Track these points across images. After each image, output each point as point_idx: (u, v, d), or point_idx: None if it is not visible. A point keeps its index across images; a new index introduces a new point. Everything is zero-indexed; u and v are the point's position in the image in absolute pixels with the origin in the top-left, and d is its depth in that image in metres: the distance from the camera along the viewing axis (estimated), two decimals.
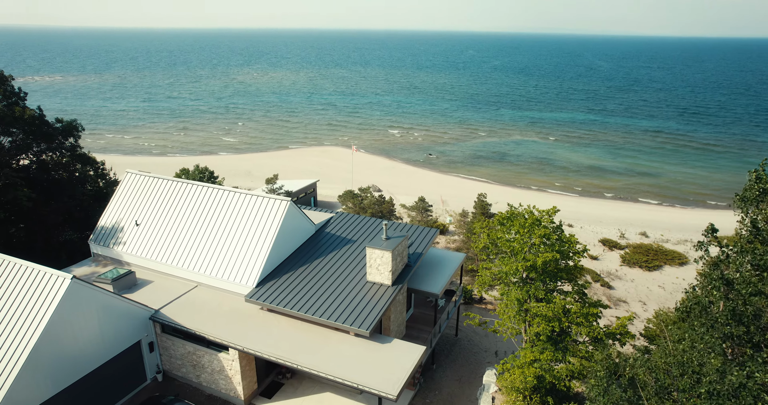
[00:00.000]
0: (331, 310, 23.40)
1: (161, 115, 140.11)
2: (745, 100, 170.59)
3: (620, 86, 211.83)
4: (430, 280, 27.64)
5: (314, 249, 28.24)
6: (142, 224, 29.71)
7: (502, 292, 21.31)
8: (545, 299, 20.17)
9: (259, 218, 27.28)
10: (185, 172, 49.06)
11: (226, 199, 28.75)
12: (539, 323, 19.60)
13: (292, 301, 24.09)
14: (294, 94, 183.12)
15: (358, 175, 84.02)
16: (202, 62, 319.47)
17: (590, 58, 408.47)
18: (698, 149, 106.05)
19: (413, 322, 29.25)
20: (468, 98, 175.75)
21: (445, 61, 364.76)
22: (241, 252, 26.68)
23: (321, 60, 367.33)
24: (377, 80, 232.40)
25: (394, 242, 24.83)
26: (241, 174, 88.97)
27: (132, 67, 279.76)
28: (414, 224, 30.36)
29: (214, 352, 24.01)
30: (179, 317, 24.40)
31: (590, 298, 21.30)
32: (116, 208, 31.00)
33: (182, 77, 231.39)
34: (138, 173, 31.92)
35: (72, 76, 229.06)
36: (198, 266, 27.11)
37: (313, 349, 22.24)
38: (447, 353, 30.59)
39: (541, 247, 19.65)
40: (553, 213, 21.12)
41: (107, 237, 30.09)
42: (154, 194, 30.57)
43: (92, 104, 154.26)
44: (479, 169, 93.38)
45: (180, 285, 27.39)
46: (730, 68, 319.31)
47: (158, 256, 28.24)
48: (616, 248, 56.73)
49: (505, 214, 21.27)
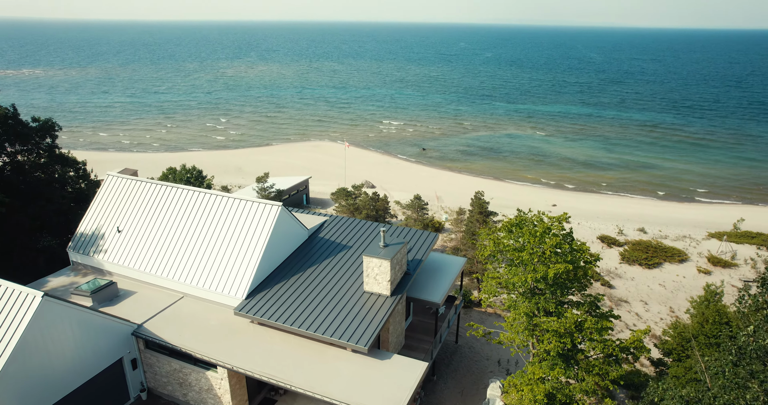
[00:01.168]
0: (326, 324, 21.92)
1: (148, 110, 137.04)
2: (738, 93, 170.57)
3: (613, 79, 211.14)
4: (431, 288, 26.23)
5: (307, 256, 26.70)
6: (125, 231, 27.97)
7: (509, 305, 19.97)
8: (556, 313, 18.85)
9: (249, 224, 25.66)
10: (172, 172, 47.19)
11: (213, 203, 27.07)
12: (550, 339, 18.29)
13: (284, 315, 22.57)
14: (285, 88, 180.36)
15: (351, 170, 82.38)
16: (191, 56, 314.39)
17: (582, 50, 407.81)
18: (693, 143, 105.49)
19: (412, 332, 27.86)
20: (461, 91, 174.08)
21: (436, 54, 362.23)
22: (230, 261, 25.08)
23: (312, 52, 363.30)
24: (369, 73, 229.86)
25: (393, 250, 23.35)
26: (231, 170, 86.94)
27: (118, 60, 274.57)
28: (412, 228, 28.89)
29: (201, 369, 22.47)
30: (164, 332, 22.80)
31: (601, 308, 20.01)
32: (96, 213, 29.20)
33: (170, 71, 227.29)
34: (119, 176, 30.09)
35: (55, 70, 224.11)
36: (184, 276, 25.47)
37: (308, 366, 20.78)
38: (447, 362, 29.30)
39: (553, 258, 18.29)
40: (564, 219, 19.75)
41: (87, 244, 28.31)
42: (137, 198, 28.80)
43: (76, 99, 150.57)
44: (474, 163, 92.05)
45: (165, 296, 25.75)
46: (720, 60, 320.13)
47: (141, 266, 26.56)
48: (615, 245, 55.76)
49: (513, 220, 19.86)
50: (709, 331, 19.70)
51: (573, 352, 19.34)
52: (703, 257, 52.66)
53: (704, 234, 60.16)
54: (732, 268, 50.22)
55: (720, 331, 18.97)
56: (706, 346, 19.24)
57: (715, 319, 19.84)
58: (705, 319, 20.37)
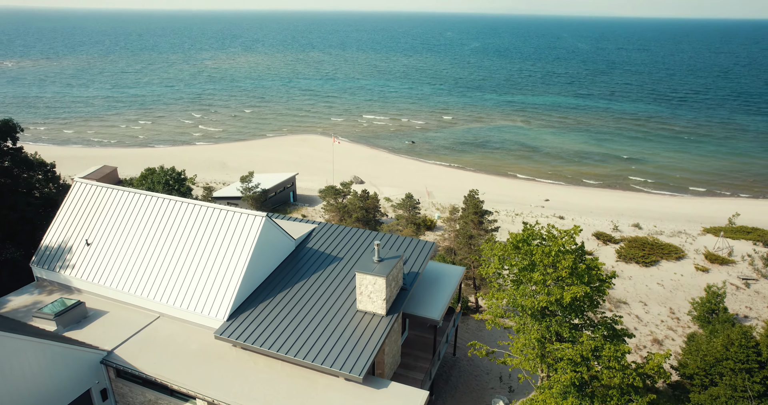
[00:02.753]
0: (316, 349, 19.95)
1: (129, 103, 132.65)
2: (726, 84, 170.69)
3: (602, 69, 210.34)
4: (428, 303, 24.37)
5: (295, 270, 24.63)
6: (94, 244, 25.61)
7: (517, 328, 18.21)
8: (570, 338, 17.13)
9: (231, 237, 23.49)
10: (151, 173, 44.54)
11: (192, 213, 24.81)
12: (564, 368, 16.58)
13: (270, 339, 20.55)
14: (271, 79, 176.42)
15: (339, 165, 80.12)
16: (173, 46, 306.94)
17: (570, 40, 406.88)
18: (682, 135, 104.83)
19: (409, 348, 26.01)
20: (450, 82, 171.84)
21: (424, 44, 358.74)
22: (210, 277, 22.93)
23: (297, 43, 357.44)
24: (356, 64, 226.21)
25: (388, 265, 21.39)
26: (215, 166, 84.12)
27: (97, 51, 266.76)
28: (407, 237, 26.94)
29: (179, 401, 20.42)
30: (137, 359, 20.67)
31: (618, 328, 18.31)
32: (63, 224, 26.75)
33: (152, 62, 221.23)
34: (88, 182, 27.61)
35: (31, 61, 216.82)
36: (160, 295, 23.28)
37: (297, 398, 18.84)
38: (446, 378, 27.58)
39: (567, 279, 16.52)
40: (577, 233, 17.96)
41: (53, 259, 25.91)
42: (108, 208, 26.40)
43: (53, 91, 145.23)
44: (463, 156, 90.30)
45: (139, 316, 23.54)
46: (706, 50, 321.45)
47: (113, 283, 24.28)
48: (611, 242, 54.53)
49: (521, 235, 18.01)
50: (735, 355, 18.18)
51: (588, 381, 17.66)
52: (699, 254, 51.65)
53: (699, 229, 59.24)
54: (729, 265, 49.27)
55: (748, 356, 17.52)
56: (732, 371, 17.73)
57: (741, 342, 18.32)
58: (730, 342, 18.84)
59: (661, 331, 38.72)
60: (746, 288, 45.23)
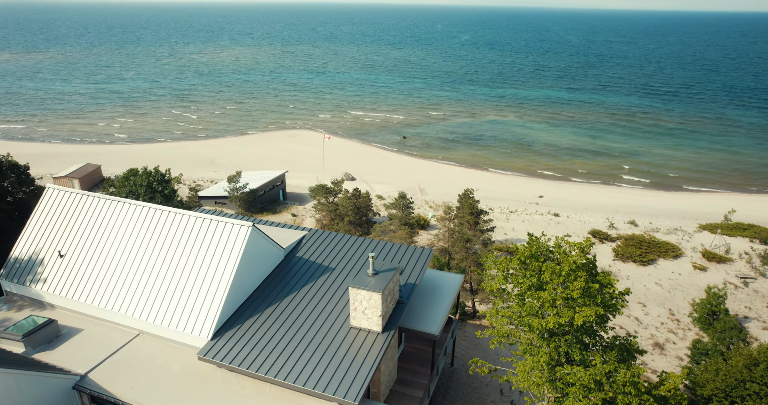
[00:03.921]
0: (307, 371, 18.51)
1: (113, 98, 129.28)
2: (716, 77, 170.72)
3: (593, 63, 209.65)
4: (426, 315, 23.02)
5: (283, 282, 23.12)
6: (68, 255, 23.87)
7: (523, 349, 16.95)
8: (581, 360, 15.89)
9: (215, 248, 21.90)
10: (133, 174, 42.52)
11: (173, 222, 23.16)
12: (576, 394, 15.34)
13: (257, 361, 19.06)
14: (259, 73, 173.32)
15: (330, 161, 78.40)
16: (159, 39, 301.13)
17: (560, 33, 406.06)
18: (675, 129, 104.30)
19: (405, 362, 24.68)
20: (441, 76, 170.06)
21: (413, 36, 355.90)
22: (192, 292, 21.36)
23: (286, 35, 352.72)
24: (345, 57, 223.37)
25: (384, 279, 19.96)
26: (203, 163, 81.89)
27: (81, 44, 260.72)
28: (403, 244, 25.53)
29: None
30: (114, 383, 19.10)
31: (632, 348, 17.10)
32: (34, 234, 24.95)
33: (137, 56, 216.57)
34: (61, 189, 25.80)
35: (10, 54, 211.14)
36: (139, 311, 21.67)
37: None
38: (444, 392, 26.31)
39: (579, 299, 15.24)
40: (588, 248, 16.68)
41: (23, 272, 24.14)
42: (83, 216, 24.64)
43: (32, 86, 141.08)
44: (456, 152, 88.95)
45: (117, 334, 21.93)
46: (695, 42, 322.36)
47: (88, 298, 22.62)
48: (607, 241, 53.62)
49: (528, 250, 16.68)
50: (762, 377, 17.01)
51: None
52: (697, 252, 50.91)
53: (695, 226, 58.53)
54: (727, 264, 48.58)
55: None
56: (757, 395, 16.60)
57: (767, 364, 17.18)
58: (754, 362, 17.70)
59: (661, 334, 37.84)
60: (745, 287, 44.53)
